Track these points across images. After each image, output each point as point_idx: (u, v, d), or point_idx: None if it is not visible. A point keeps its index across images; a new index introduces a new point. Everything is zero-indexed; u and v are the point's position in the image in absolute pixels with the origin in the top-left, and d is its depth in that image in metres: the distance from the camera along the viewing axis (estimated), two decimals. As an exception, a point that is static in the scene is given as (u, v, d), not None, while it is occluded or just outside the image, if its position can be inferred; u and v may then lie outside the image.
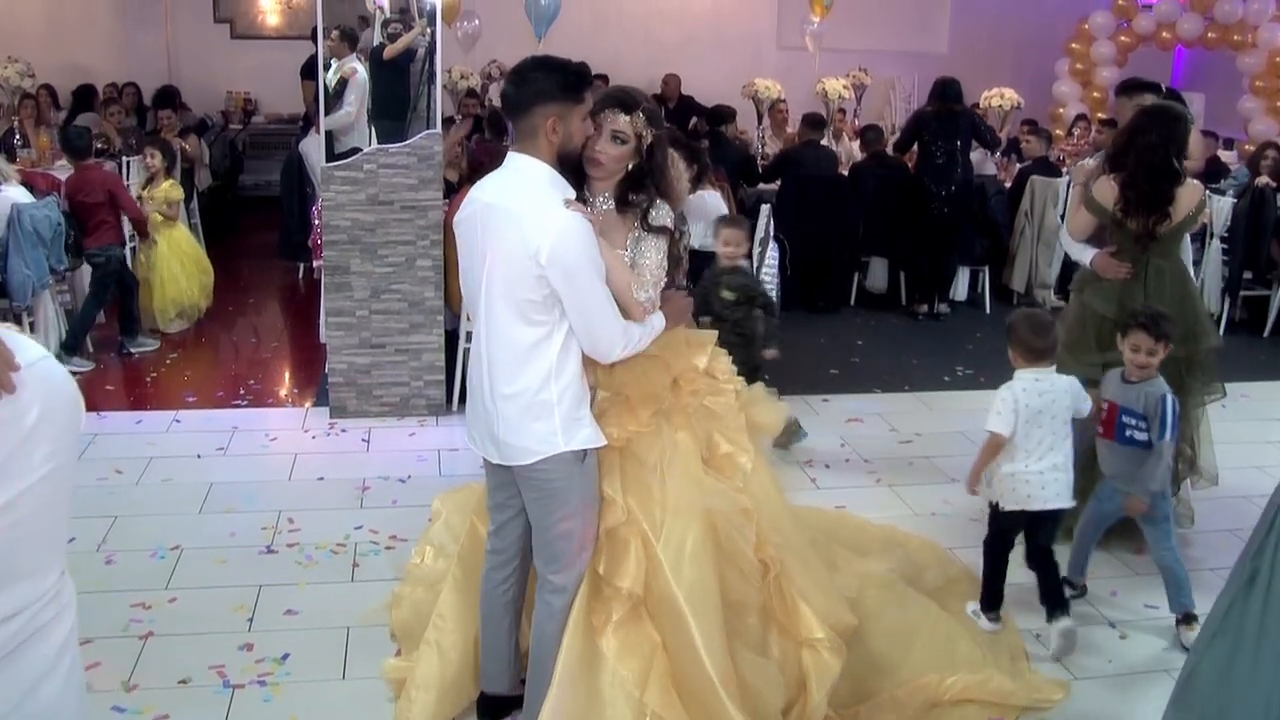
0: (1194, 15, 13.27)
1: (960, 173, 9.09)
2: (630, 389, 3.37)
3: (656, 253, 3.36)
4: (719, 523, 3.37)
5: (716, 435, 3.51)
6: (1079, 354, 5.04)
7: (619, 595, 3.30)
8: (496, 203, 3.19)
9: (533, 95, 3.14)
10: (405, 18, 6.68)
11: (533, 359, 3.18)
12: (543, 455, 3.22)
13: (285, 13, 13.79)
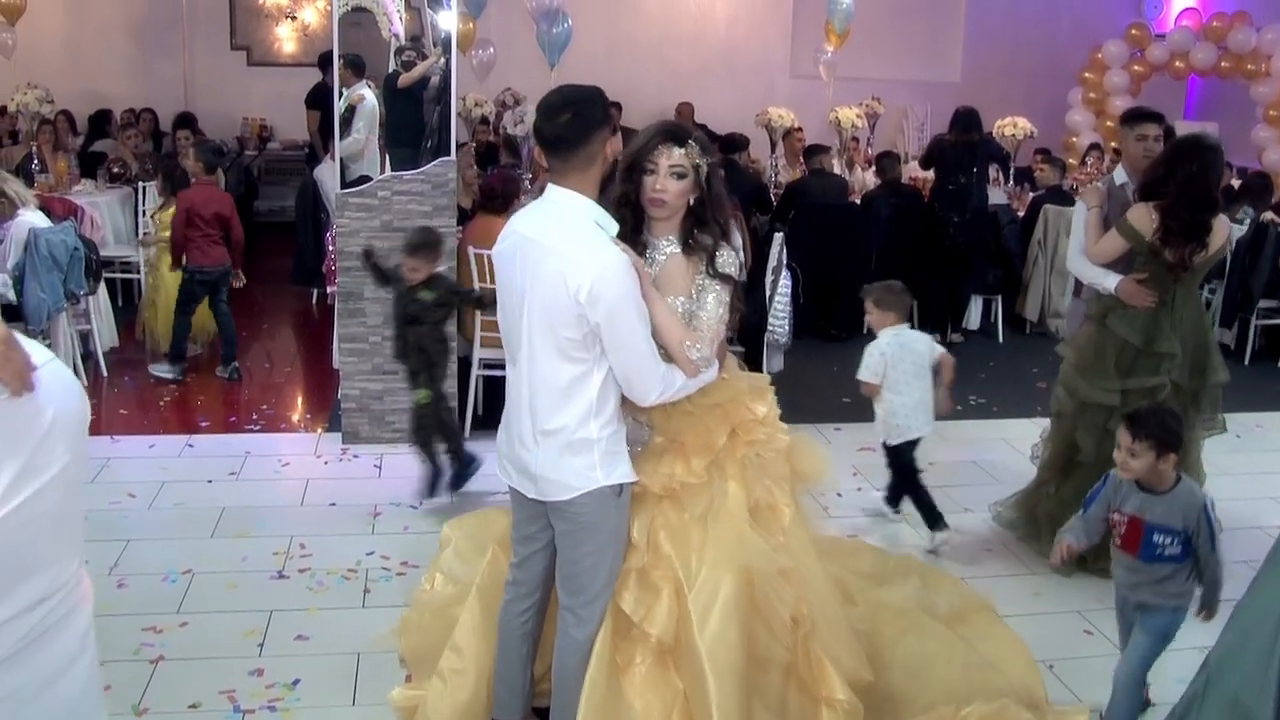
0: (1207, 44, 13.29)
1: (974, 202, 9.10)
2: (687, 436, 3.35)
3: (718, 305, 3.30)
4: (758, 579, 3.32)
5: (769, 483, 3.48)
6: (1095, 379, 5.04)
7: (647, 640, 3.28)
8: (537, 238, 3.15)
9: (591, 124, 3.10)
10: (419, 45, 6.70)
11: (573, 396, 3.16)
12: (581, 490, 3.19)
13: (301, 40, 13.87)
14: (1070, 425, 5.20)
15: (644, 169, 3.23)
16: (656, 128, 3.29)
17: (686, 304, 3.30)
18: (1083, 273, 5.30)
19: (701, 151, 3.27)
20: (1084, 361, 5.14)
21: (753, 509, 3.44)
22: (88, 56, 13.38)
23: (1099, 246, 5.17)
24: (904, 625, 4.20)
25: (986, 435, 7.11)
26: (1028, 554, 5.39)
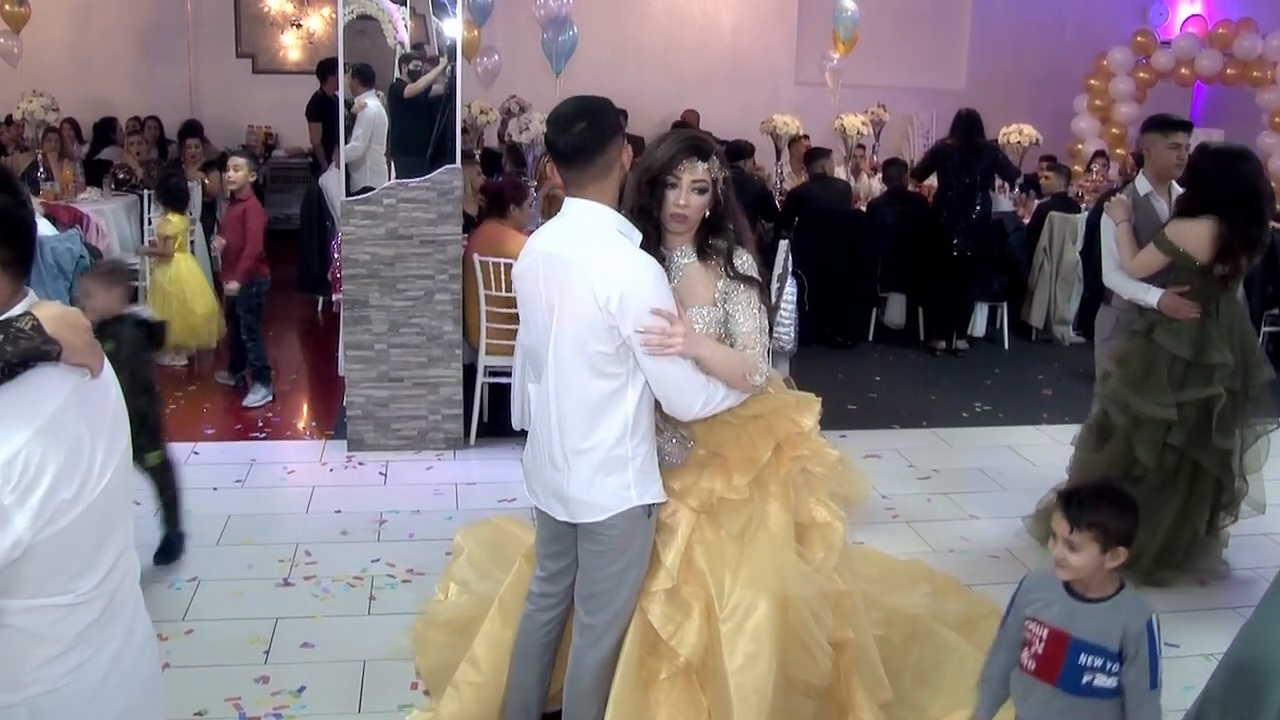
0: (1213, 51, 13.28)
1: (979, 208, 9.08)
2: (729, 449, 3.29)
3: (752, 313, 3.24)
4: (795, 605, 3.24)
5: (814, 502, 3.41)
6: (1151, 394, 5.03)
7: (674, 658, 3.23)
8: (559, 252, 3.09)
9: (608, 132, 3.06)
10: (424, 53, 6.71)
11: (607, 413, 3.10)
12: (616, 511, 3.14)
13: (306, 48, 13.89)
14: (1124, 440, 5.16)
15: (666, 183, 3.17)
16: (679, 141, 3.21)
17: (712, 313, 3.24)
18: (1121, 288, 5.28)
19: (720, 165, 3.22)
20: (1133, 376, 5.11)
21: (802, 528, 3.37)
22: (93, 64, 13.41)
23: (1137, 261, 5.15)
24: (914, 631, 4.19)
25: (992, 442, 7.10)
26: (1034, 561, 5.38)
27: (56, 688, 2.01)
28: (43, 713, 2.01)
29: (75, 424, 1.94)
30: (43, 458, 1.86)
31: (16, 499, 1.82)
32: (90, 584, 2.02)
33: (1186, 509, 5.15)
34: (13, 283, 1.98)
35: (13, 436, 1.83)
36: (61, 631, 2.00)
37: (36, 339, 1.89)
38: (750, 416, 3.29)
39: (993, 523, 5.80)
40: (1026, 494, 6.04)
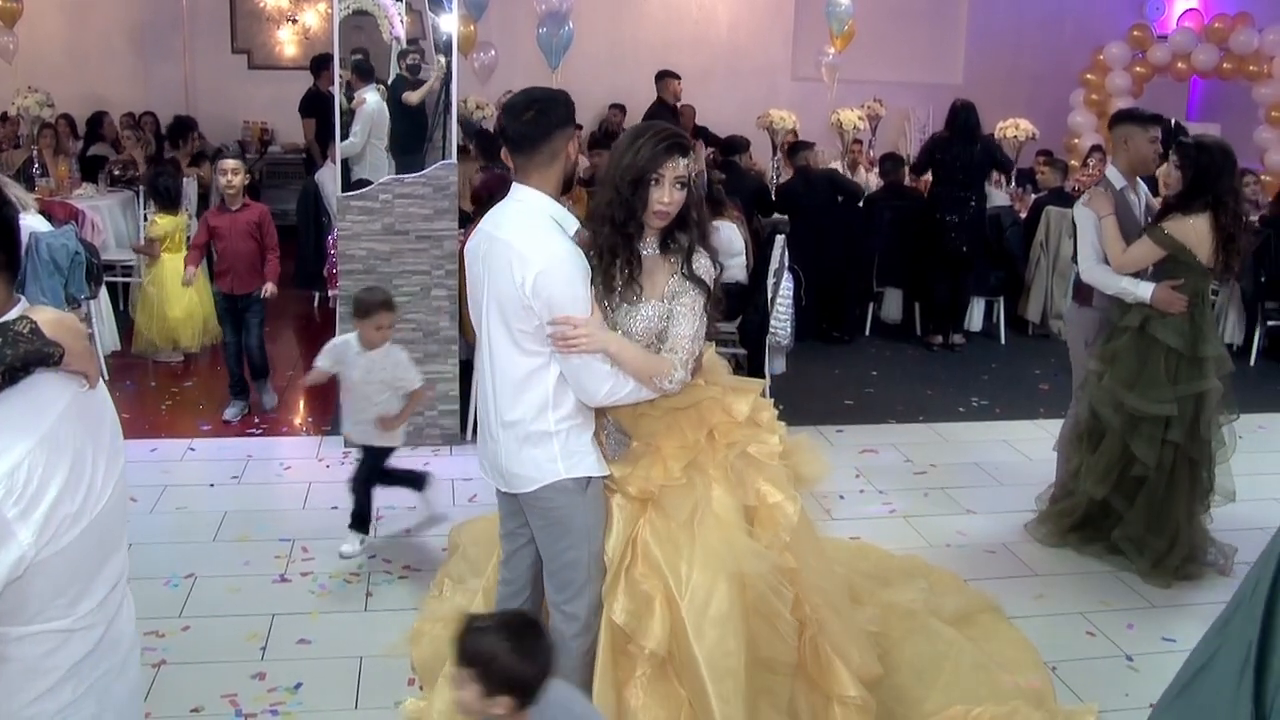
0: (1209, 46, 13.27)
1: (975, 202, 9.07)
2: (661, 439, 3.34)
3: (692, 318, 3.26)
4: (752, 581, 3.28)
5: (763, 484, 3.42)
6: (1147, 390, 5.05)
7: (643, 653, 3.25)
8: (495, 233, 3.24)
9: (553, 123, 3.18)
10: (419, 47, 6.69)
11: (529, 388, 3.21)
12: (543, 483, 3.24)
13: (302, 43, 13.85)
14: (1118, 440, 5.17)
15: (649, 181, 3.19)
16: (660, 139, 3.22)
17: (657, 307, 3.28)
18: (1105, 283, 5.24)
19: (696, 158, 3.29)
20: (1127, 374, 5.11)
21: (751, 510, 3.40)
22: (88, 60, 13.38)
23: (1129, 256, 5.14)
24: (911, 626, 4.19)
25: (988, 437, 7.10)
26: (1030, 556, 5.39)
27: (66, 678, 1.95)
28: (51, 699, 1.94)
29: (77, 435, 1.90)
30: (46, 469, 1.80)
31: (20, 512, 1.76)
32: (88, 608, 1.95)
33: (1190, 501, 5.18)
34: (6, 286, 1.90)
35: (14, 446, 1.77)
36: (55, 663, 1.92)
37: (37, 342, 1.84)
38: (679, 409, 3.34)
39: (989, 518, 5.80)
40: (1023, 489, 6.06)
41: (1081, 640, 4.62)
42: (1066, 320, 5.72)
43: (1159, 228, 5.07)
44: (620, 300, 3.29)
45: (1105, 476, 5.22)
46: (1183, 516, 5.15)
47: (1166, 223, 5.07)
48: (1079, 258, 5.40)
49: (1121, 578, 5.16)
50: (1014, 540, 5.55)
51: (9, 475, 1.74)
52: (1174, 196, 5.16)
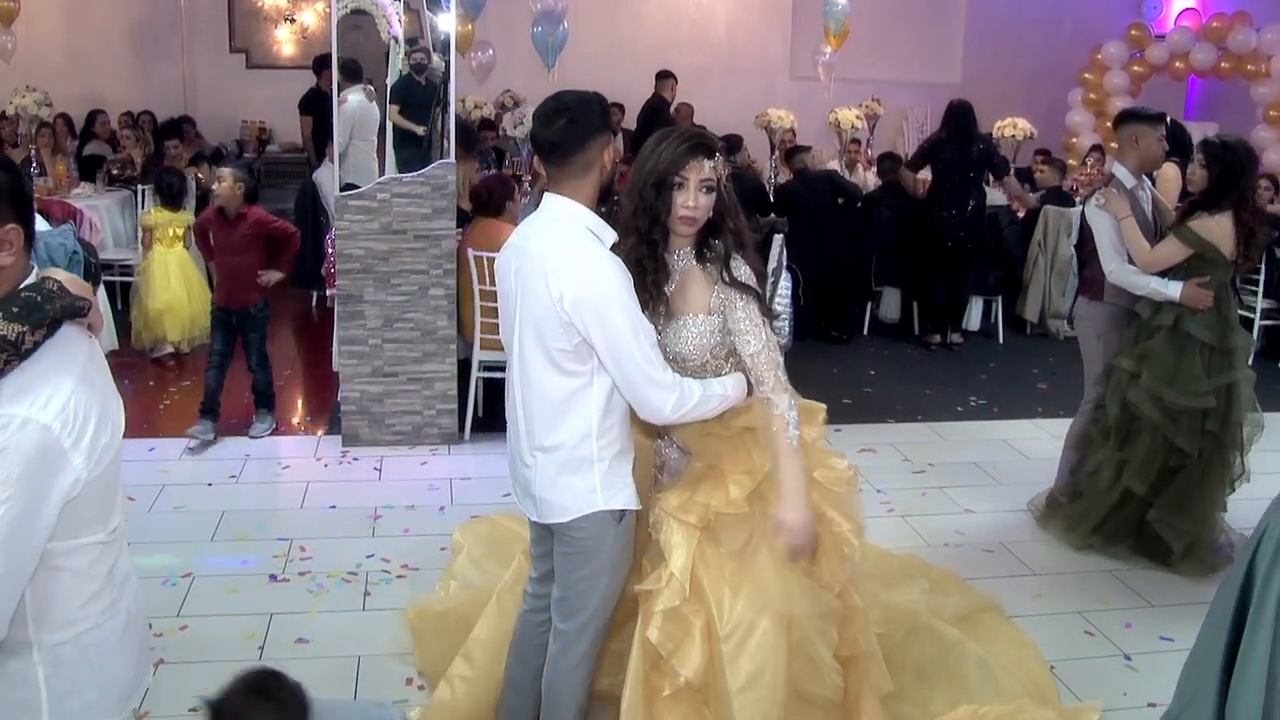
0: (1207, 45, 13.28)
1: (973, 202, 9.06)
2: (725, 461, 3.19)
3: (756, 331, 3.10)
4: (799, 622, 3.11)
5: (830, 510, 3.25)
6: (1188, 385, 5.13)
7: (675, 677, 3.13)
8: (528, 247, 3.06)
9: (588, 130, 2.99)
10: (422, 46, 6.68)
11: (570, 411, 3.04)
12: (580, 513, 3.08)
13: (300, 43, 13.85)
14: (1156, 434, 5.20)
15: (672, 185, 3.05)
16: (683, 139, 3.08)
17: (708, 321, 3.14)
18: (1133, 283, 5.26)
19: (724, 161, 3.12)
20: (1164, 370, 5.16)
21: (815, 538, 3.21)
22: (87, 60, 13.37)
23: (1155, 255, 5.18)
24: (913, 627, 4.18)
25: (987, 436, 7.10)
26: (1028, 555, 5.39)
27: (98, 624, 2.20)
28: (89, 648, 2.19)
29: (98, 375, 2.15)
30: (86, 405, 2.04)
31: (73, 441, 2.00)
32: (115, 523, 2.21)
33: (1221, 488, 5.29)
34: (26, 255, 2.09)
35: (63, 386, 2.01)
36: (98, 570, 2.18)
37: (67, 297, 2.08)
38: (743, 428, 3.18)
39: (988, 517, 5.80)
40: (1021, 488, 6.06)
41: (1080, 639, 4.62)
42: (1079, 315, 5.71)
43: (1186, 227, 5.13)
44: (653, 314, 3.11)
45: (1145, 470, 5.25)
46: (1210, 503, 5.25)
47: (1193, 221, 5.13)
48: (1102, 260, 5.37)
49: (1120, 577, 5.16)
50: (1012, 539, 5.55)
51: (62, 410, 1.99)
52: (1200, 195, 5.19)
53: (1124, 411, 5.29)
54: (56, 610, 2.11)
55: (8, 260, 2.03)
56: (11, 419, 1.92)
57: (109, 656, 2.24)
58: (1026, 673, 4.16)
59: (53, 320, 2.02)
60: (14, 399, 1.94)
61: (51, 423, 1.96)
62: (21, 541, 1.95)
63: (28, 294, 2.02)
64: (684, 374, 3.11)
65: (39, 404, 1.96)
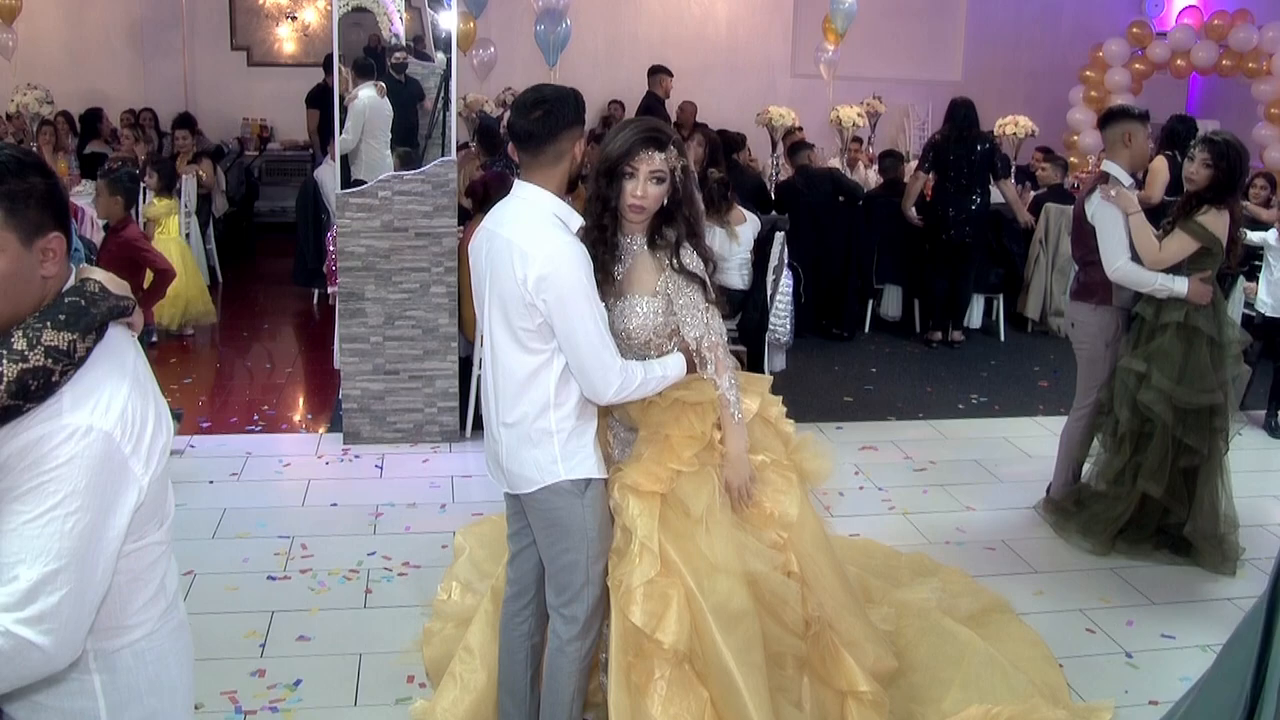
0: (1208, 43, 13.27)
1: (977, 200, 9.04)
2: (670, 428, 3.30)
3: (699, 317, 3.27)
4: (761, 578, 3.28)
5: (763, 482, 3.40)
6: (1196, 381, 5.15)
7: (661, 651, 3.20)
8: (497, 230, 3.20)
9: (562, 123, 3.13)
10: (419, 45, 6.68)
11: (531, 387, 3.18)
12: (542, 484, 3.21)
13: (301, 40, 13.85)
14: (1166, 436, 5.21)
15: (623, 173, 3.21)
16: (637, 131, 3.24)
17: (652, 302, 3.27)
18: (1140, 280, 5.24)
19: (679, 153, 3.25)
20: (1172, 369, 5.17)
21: (755, 508, 3.39)
22: (87, 57, 13.37)
23: (1168, 252, 5.18)
24: (924, 626, 4.19)
25: (988, 434, 7.10)
26: (1029, 553, 5.39)
27: (154, 630, 2.16)
28: (144, 654, 2.15)
29: (145, 377, 2.11)
30: (142, 407, 2.03)
31: (133, 448, 1.98)
32: (169, 524, 2.19)
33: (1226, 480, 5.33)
34: (65, 258, 2.04)
35: (119, 391, 1.98)
36: (154, 574, 2.16)
37: (111, 298, 2.04)
38: (686, 403, 3.31)
39: (989, 514, 5.80)
40: (1023, 486, 6.06)
41: (1081, 637, 4.62)
42: (1081, 321, 5.61)
43: (1195, 222, 5.14)
44: (603, 294, 3.25)
45: (1159, 473, 5.25)
46: (1223, 498, 5.29)
47: (1200, 216, 5.14)
48: (1106, 257, 5.32)
49: (1121, 574, 5.16)
50: (1013, 537, 5.55)
51: (121, 416, 1.96)
52: (1204, 189, 5.18)
53: (1134, 415, 5.28)
54: (112, 616, 2.06)
55: (52, 270, 2.00)
56: (76, 428, 1.90)
57: (166, 662, 2.20)
58: (1037, 672, 4.17)
59: (100, 323, 1.99)
60: (75, 407, 1.92)
61: (113, 430, 1.94)
62: (94, 553, 1.93)
63: (72, 300, 1.98)
64: (629, 351, 3.28)
65: (99, 411, 1.93)
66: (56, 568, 1.86)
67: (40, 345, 1.89)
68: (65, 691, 2.07)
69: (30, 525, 1.86)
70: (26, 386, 1.86)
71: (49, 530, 1.86)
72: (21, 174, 1.93)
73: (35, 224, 1.95)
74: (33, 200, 1.94)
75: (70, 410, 1.91)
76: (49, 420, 1.89)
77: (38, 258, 1.96)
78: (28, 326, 1.91)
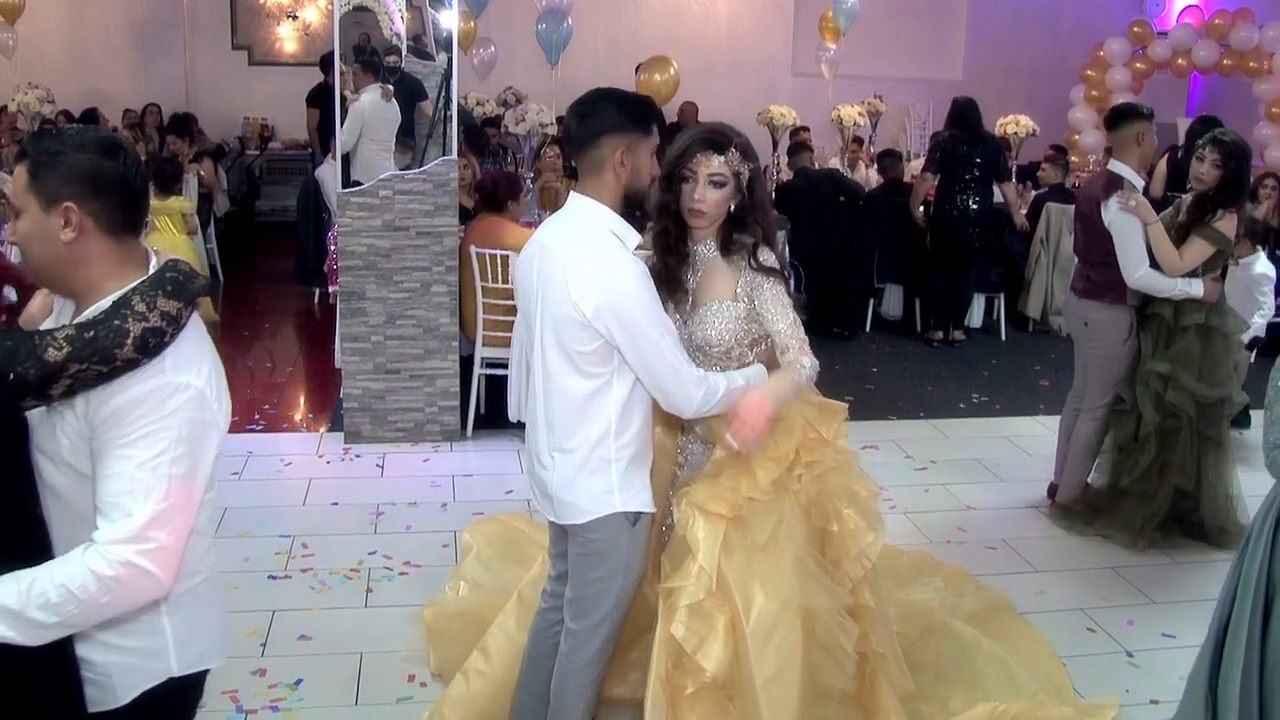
0: (1209, 42, 13.27)
1: (979, 199, 9.03)
2: None
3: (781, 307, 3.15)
4: (819, 616, 3.14)
5: (846, 509, 3.26)
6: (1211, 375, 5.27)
7: (700, 673, 3.10)
8: (551, 246, 3.04)
9: (600, 126, 2.98)
10: (419, 44, 6.68)
11: (590, 412, 3.04)
12: (596, 515, 3.08)
13: (302, 39, 13.86)
14: (1191, 431, 5.27)
15: (682, 177, 3.13)
16: (697, 132, 3.16)
17: (733, 307, 3.18)
18: (1160, 286, 5.23)
19: (743, 158, 3.15)
20: (1193, 367, 5.22)
21: (828, 535, 3.26)
22: (88, 56, 13.38)
23: (1190, 257, 5.19)
24: (929, 625, 4.19)
25: (989, 433, 7.10)
26: (1030, 552, 5.39)
27: (208, 576, 2.43)
28: (202, 597, 2.41)
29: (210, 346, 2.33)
30: (219, 372, 2.30)
31: (218, 405, 2.26)
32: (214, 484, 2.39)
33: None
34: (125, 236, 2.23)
35: (206, 355, 2.26)
36: (207, 527, 2.41)
37: (198, 278, 2.29)
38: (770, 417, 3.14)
39: (990, 514, 5.80)
40: (1024, 485, 6.06)
41: (1082, 636, 4.62)
42: (1096, 320, 5.52)
43: (1211, 227, 5.16)
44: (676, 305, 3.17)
45: (1186, 466, 5.31)
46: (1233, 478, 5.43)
47: (1216, 222, 5.16)
48: (1126, 266, 5.27)
49: (1122, 574, 5.16)
50: (1014, 536, 5.55)
51: (209, 379, 2.23)
52: (1216, 191, 5.19)
53: (1159, 414, 5.29)
54: (184, 562, 2.26)
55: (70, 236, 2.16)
56: (179, 386, 2.16)
57: (214, 603, 2.47)
58: (1042, 670, 4.17)
59: (195, 297, 2.24)
60: (177, 368, 2.16)
61: (204, 388, 2.20)
62: (192, 494, 2.22)
63: (173, 274, 2.21)
64: (707, 362, 3.19)
65: (194, 372, 2.19)
66: (166, 506, 2.13)
67: (157, 309, 2.14)
68: (139, 632, 2.28)
69: (142, 469, 2.10)
70: (146, 343, 2.10)
71: (159, 473, 2.12)
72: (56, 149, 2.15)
73: (53, 193, 2.14)
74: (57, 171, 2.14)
75: (173, 370, 2.15)
76: (155, 377, 2.13)
77: (57, 222, 2.14)
78: (143, 293, 2.15)
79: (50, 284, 2.30)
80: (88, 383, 2.08)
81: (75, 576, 2.06)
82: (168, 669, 2.35)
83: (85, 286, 2.21)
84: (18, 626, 2.04)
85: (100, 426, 2.12)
